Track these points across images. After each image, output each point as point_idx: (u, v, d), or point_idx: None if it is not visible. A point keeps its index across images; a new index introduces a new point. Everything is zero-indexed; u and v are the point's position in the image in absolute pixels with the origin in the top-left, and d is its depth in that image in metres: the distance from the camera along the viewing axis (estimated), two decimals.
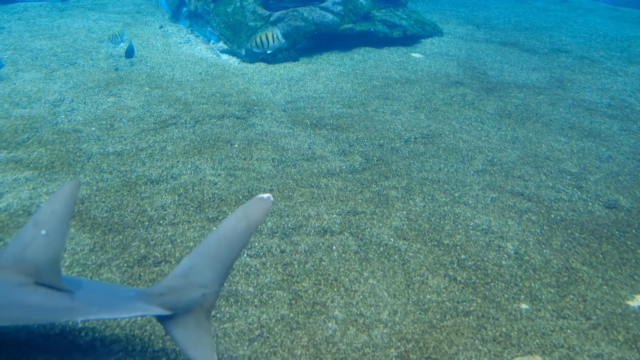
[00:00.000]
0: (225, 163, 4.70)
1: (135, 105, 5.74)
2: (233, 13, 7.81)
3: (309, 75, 7.01)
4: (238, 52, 7.51)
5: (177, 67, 6.99)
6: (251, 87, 6.49)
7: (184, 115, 5.57)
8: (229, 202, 4.15)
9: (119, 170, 4.50)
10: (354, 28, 8.14)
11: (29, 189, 4.15)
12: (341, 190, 4.42)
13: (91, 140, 4.97)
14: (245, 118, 5.62)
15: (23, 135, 4.96)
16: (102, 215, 3.91)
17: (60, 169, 4.47)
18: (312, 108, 5.99)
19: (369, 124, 5.70)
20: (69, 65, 6.73)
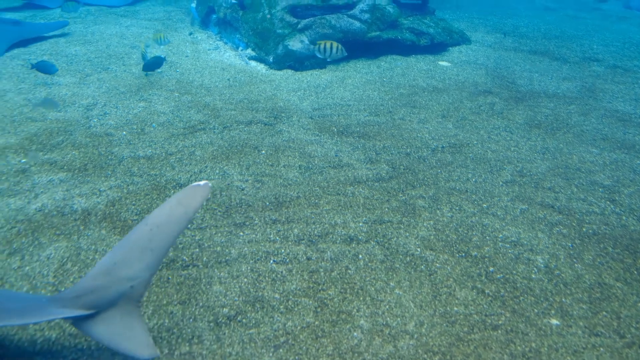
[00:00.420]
0: (252, 169, 4.74)
1: (165, 110, 5.84)
2: (261, 20, 7.89)
3: (336, 83, 7.02)
4: (266, 58, 7.58)
5: (206, 73, 7.09)
6: (279, 93, 6.54)
7: (213, 121, 5.64)
8: (255, 208, 4.18)
9: (149, 174, 4.57)
10: (381, 36, 8.14)
11: (62, 191, 4.26)
12: (368, 198, 4.41)
13: (122, 144, 5.07)
14: (273, 125, 5.66)
15: (58, 138, 5.09)
16: (132, 217, 3.98)
17: (92, 171, 4.57)
18: (339, 115, 6.00)
19: (395, 132, 5.67)
20: (102, 71, 6.89)
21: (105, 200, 4.17)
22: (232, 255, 3.62)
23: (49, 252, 3.56)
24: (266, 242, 3.78)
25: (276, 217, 4.07)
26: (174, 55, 7.68)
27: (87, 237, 3.74)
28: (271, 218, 4.05)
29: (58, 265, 3.45)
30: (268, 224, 3.99)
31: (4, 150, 4.82)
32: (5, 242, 3.63)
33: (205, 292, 3.30)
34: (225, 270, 3.48)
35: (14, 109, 5.66)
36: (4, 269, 3.39)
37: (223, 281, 3.39)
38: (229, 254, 3.63)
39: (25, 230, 3.76)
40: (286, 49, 7.47)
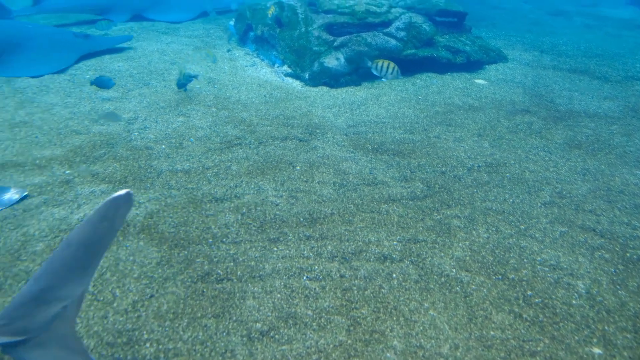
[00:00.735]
0: (287, 185, 4.78)
1: (203, 125, 5.97)
2: (298, 38, 8.00)
3: (371, 100, 7.04)
4: (302, 75, 7.67)
5: (242, 89, 7.22)
6: (314, 110, 6.60)
7: (249, 136, 5.72)
8: (290, 223, 4.20)
9: (186, 188, 4.67)
10: (417, 54, 8.14)
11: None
12: (402, 217, 4.38)
13: (161, 157, 5.20)
14: (308, 141, 5.71)
15: (100, 151, 5.26)
16: (169, 230, 4.06)
17: (132, 183, 4.70)
18: (373, 133, 6.00)
19: (430, 150, 5.63)
20: (143, 86, 7.10)
21: (144, 212, 4.27)
22: (265, 271, 3.64)
23: None
24: (300, 258, 3.79)
25: (310, 234, 4.08)
26: (212, 72, 7.86)
27: (126, 248, 3.83)
28: (305, 234, 4.07)
29: (97, 275, 3.54)
30: (302, 240, 4.00)
31: (50, 161, 5.00)
32: (49, 251, 3.75)
33: (238, 306, 3.32)
34: (259, 285, 3.50)
35: (60, 121, 5.89)
36: None
37: (256, 296, 3.41)
38: (263, 269, 3.66)
39: None
40: (322, 66, 7.55)
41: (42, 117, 5.99)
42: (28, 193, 4.49)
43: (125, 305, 3.30)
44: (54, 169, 4.87)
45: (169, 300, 3.35)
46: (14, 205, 4.28)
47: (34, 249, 3.77)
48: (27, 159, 5.05)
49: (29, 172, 4.81)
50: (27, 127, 5.73)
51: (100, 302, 3.31)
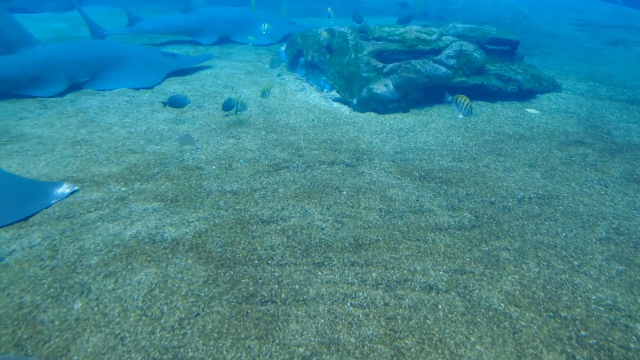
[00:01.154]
0: (333, 209, 4.80)
1: (252, 147, 6.10)
2: (347, 64, 8.11)
3: (418, 127, 7.02)
4: (350, 101, 7.75)
5: (291, 113, 7.36)
6: (361, 135, 6.63)
7: (296, 160, 5.80)
8: (335, 248, 4.20)
9: (234, 208, 4.76)
10: (467, 81, 8.07)
11: (155, 219, 4.53)
12: (449, 246, 4.30)
13: (211, 178, 5.34)
14: (355, 166, 5.73)
15: (154, 169, 5.45)
16: (216, 249, 4.14)
17: (182, 202, 4.84)
18: (421, 160, 5.96)
19: (479, 179, 5.54)
20: (196, 108, 7.36)
21: (193, 231, 4.38)
22: (309, 295, 3.65)
23: (139, 277, 3.78)
24: (344, 283, 3.78)
25: (355, 259, 4.06)
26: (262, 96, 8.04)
27: (175, 265, 3.93)
28: (350, 260, 4.05)
29: (147, 291, 3.64)
30: (346, 265, 3.99)
31: (107, 178, 5.23)
32: (103, 265, 3.90)
33: (282, 329, 3.33)
34: (302, 309, 3.51)
35: (117, 140, 6.17)
36: (100, 290, 3.63)
37: (300, 320, 3.41)
38: (307, 293, 3.66)
39: (120, 255, 4.03)
40: (370, 92, 7.61)
41: (102, 136, 6.29)
42: (78, 189, 4.89)
43: (172, 322, 3.37)
44: (111, 186, 5.09)
45: (214, 319, 3.40)
46: (73, 218, 4.49)
47: (89, 262, 3.92)
48: (86, 175, 5.30)
49: (88, 188, 5.04)
50: (87, 145, 6.03)
51: (149, 317, 3.40)
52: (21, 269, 3.83)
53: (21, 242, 4.15)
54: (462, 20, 10.17)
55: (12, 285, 3.65)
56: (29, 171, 5.32)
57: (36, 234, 4.27)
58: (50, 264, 3.90)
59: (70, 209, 4.64)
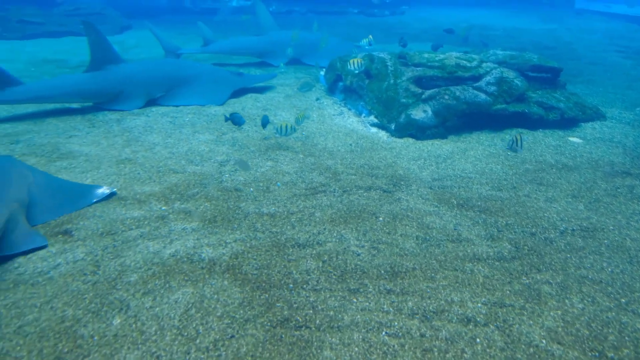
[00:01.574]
0: (369, 235, 4.77)
1: (289, 170, 6.16)
2: (386, 89, 8.14)
3: (457, 154, 6.94)
4: (388, 126, 7.75)
5: (329, 137, 7.41)
6: (398, 161, 6.60)
7: (333, 184, 5.82)
8: (370, 275, 4.17)
9: (271, 231, 4.80)
10: (507, 109, 7.97)
11: (193, 239, 4.61)
12: (487, 277, 4.20)
13: (249, 199, 5.41)
14: (392, 192, 5.70)
15: (194, 190, 5.57)
16: (252, 272, 4.17)
17: (220, 223, 4.91)
18: (459, 187, 5.89)
19: (519, 209, 5.41)
20: (236, 130, 7.51)
21: (230, 252, 4.43)
22: (344, 322, 3.61)
23: (177, 296, 3.83)
24: (379, 312, 3.73)
25: (390, 287, 4.01)
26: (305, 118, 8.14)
27: (211, 286, 3.97)
28: (385, 287, 4.01)
29: (184, 310, 3.69)
30: (382, 293, 3.94)
31: (149, 197, 5.37)
32: (142, 282, 3.98)
33: (315, 355, 3.30)
34: (336, 336, 3.47)
35: (160, 160, 6.34)
36: (138, 307, 3.70)
37: (334, 347, 3.38)
38: (342, 320, 3.63)
39: (159, 273, 4.10)
40: (408, 118, 7.60)
41: (145, 155, 6.48)
42: (116, 190, 5.43)
43: (207, 343, 3.39)
44: (152, 204, 5.22)
45: (248, 342, 3.41)
46: (115, 235, 4.61)
47: (129, 279, 4.01)
48: (129, 193, 5.45)
49: (130, 205, 5.19)
50: (131, 163, 6.22)
51: (185, 337, 3.43)
52: (65, 282, 3.95)
53: (66, 257, 4.29)
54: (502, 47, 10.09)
55: (55, 299, 3.76)
56: None
57: (80, 249, 4.40)
58: (92, 279, 4.01)
59: (113, 226, 4.78)
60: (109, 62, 8.41)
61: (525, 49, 13.22)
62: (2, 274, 4.03)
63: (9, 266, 4.14)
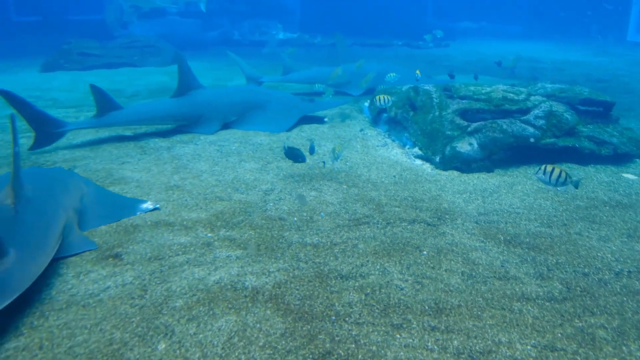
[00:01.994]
0: (413, 269, 4.70)
1: (333, 201, 6.19)
2: (431, 122, 8.12)
3: (504, 188, 6.79)
4: (432, 158, 7.70)
5: (373, 168, 7.42)
6: (443, 194, 6.52)
7: (377, 216, 5.79)
8: (414, 310, 4.08)
9: (314, 262, 4.80)
10: (557, 143, 7.77)
11: (237, 267, 4.67)
12: (537, 318, 4.04)
13: (292, 229, 5.45)
14: (436, 225, 5.62)
15: (239, 217, 5.67)
16: (294, 302, 4.17)
17: (264, 252, 4.96)
18: (506, 223, 5.74)
19: (571, 247, 5.21)
20: (280, 159, 7.63)
21: (273, 282, 4.45)
22: (387, 358, 3.54)
23: (220, 324, 3.87)
24: (423, 349, 3.64)
25: (435, 324, 3.92)
26: (344, 150, 8.21)
27: (254, 314, 3.99)
28: (430, 324, 3.92)
29: (227, 338, 3.71)
30: (426, 330, 3.85)
31: (196, 223, 5.50)
32: (187, 308, 4.04)
33: None
34: None
35: (207, 187, 6.50)
36: (183, 333, 3.75)
37: None
38: (384, 356, 3.56)
39: (203, 300, 4.16)
40: (454, 151, 7.52)
41: (192, 183, 6.66)
42: (159, 206, 5.85)
43: None
44: (198, 231, 5.33)
45: None
46: (162, 260, 4.73)
47: (174, 305, 4.09)
48: (176, 219, 5.60)
49: (177, 231, 5.32)
50: (179, 190, 6.40)
51: None
52: (114, 305, 4.06)
53: (115, 280, 4.42)
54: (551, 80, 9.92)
55: (104, 321, 3.87)
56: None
57: (129, 273, 4.53)
58: (140, 303, 4.11)
59: (160, 251, 4.90)
60: (192, 89, 9.10)
61: (575, 82, 12.95)
62: (56, 295, 4.19)
63: (63, 287, 4.30)
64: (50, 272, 4.46)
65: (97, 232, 5.25)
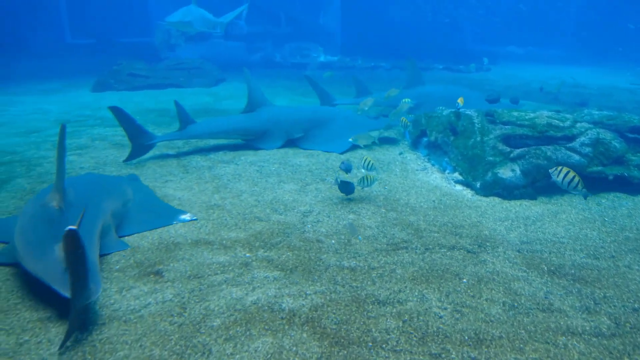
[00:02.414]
0: (452, 297, 4.60)
1: (371, 224, 6.16)
2: (472, 147, 8.02)
3: (547, 217, 6.60)
4: (473, 184, 7.57)
5: (412, 192, 7.35)
6: (484, 221, 6.39)
7: (415, 241, 5.72)
8: (453, 340, 3.99)
9: (351, 285, 4.77)
10: (604, 171, 7.52)
11: (275, 288, 4.69)
12: (583, 354, 3.87)
13: (330, 251, 5.44)
14: (476, 253, 5.50)
15: (277, 238, 5.71)
16: (331, 326, 4.14)
17: (301, 274, 4.96)
18: (550, 253, 5.56)
19: (619, 281, 5.00)
20: (319, 181, 7.67)
21: (309, 304, 4.44)
22: None
23: (257, 345, 3.88)
24: None
25: (475, 355, 3.81)
26: (383, 173, 8.19)
27: (290, 337, 3.99)
28: (469, 355, 3.81)
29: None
30: None
31: (235, 243, 5.57)
32: (224, 328, 4.08)
33: None
34: None
35: (246, 207, 6.60)
36: (220, 353, 3.78)
37: None
38: None
39: (240, 320, 4.19)
40: (495, 177, 7.39)
41: (232, 202, 6.77)
42: (197, 218, 6.22)
43: None
44: (237, 251, 5.40)
45: None
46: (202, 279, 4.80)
47: (212, 324, 4.13)
48: (216, 238, 5.69)
49: (217, 250, 5.40)
50: (219, 209, 6.52)
51: None
52: (154, 322, 4.14)
53: (156, 297, 4.51)
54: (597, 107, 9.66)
55: (144, 337, 3.94)
56: (168, 230, 5.86)
57: (169, 291, 4.62)
58: (179, 320, 4.17)
59: (200, 269, 4.98)
60: (260, 105, 9.69)
61: (623, 108, 12.57)
62: (99, 309, 4.30)
63: (106, 302, 4.42)
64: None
65: (140, 249, 5.40)
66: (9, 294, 4.53)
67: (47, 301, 4.35)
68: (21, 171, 8.06)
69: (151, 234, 5.76)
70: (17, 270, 4.86)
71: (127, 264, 5.11)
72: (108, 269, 4.98)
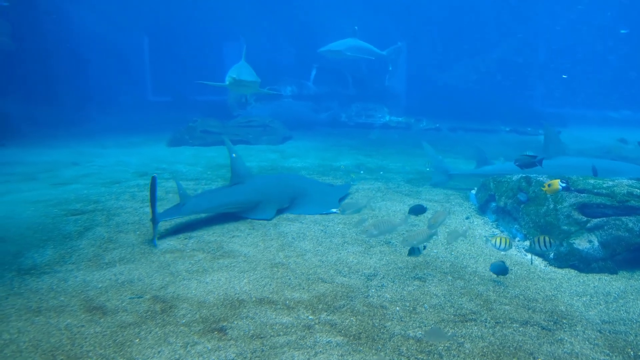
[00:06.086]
0: None
1: (437, 292, 5.96)
2: (545, 214, 7.69)
3: (632, 294, 6.12)
4: (546, 254, 7.21)
5: (480, 260, 7.09)
6: (559, 295, 6.02)
7: (484, 313, 5.46)
8: None
9: (417, 358, 4.58)
10: None
11: (337, 354, 4.58)
12: None
13: (394, 319, 5.29)
14: (552, 330, 5.15)
15: (340, 302, 5.64)
16: None
17: (365, 341, 4.83)
18: (636, 335, 5.11)
19: None
20: (384, 244, 7.58)
21: None
22: None
23: None
24: None
25: None
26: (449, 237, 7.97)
27: None
28: None
29: None
30: None
31: (298, 304, 5.55)
32: None
33: None
34: None
35: (310, 268, 6.60)
36: None
37: None
38: None
39: None
40: (570, 247, 7.00)
41: (296, 261, 6.80)
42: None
43: None
44: (300, 312, 5.37)
45: None
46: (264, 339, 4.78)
47: None
48: (279, 297, 5.70)
49: (280, 310, 5.39)
50: (283, 268, 6.56)
51: None
52: None
53: (219, 355, 4.53)
54: None
55: None
56: (233, 286, 5.94)
57: (232, 349, 4.63)
58: None
59: (262, 329, 4.98)
60: (245, 177, 9.40)
61: None
62: None
63: (171, 356, 4.49)
64: (161, 340, 4.70)
65: (206, 304, 5.49)
66: None
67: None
68: (101, 220, 8.55)
69: (217, 289, 5.86)
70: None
71: (193, 318, 5.20)
72: (174, 322, 5.09)
